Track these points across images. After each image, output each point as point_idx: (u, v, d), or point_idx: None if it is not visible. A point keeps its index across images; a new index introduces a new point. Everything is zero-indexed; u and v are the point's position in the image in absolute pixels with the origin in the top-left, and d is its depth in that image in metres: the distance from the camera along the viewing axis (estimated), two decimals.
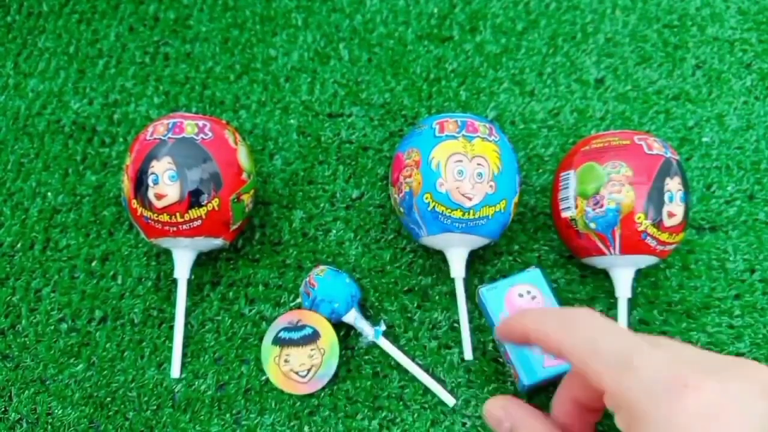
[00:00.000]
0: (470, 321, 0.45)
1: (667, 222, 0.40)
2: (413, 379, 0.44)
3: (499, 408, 0.32)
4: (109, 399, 0.44)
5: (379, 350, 0.45)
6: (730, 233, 0.48)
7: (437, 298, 0.47)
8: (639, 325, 0.45)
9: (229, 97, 0.56)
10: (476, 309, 0.46)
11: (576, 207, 0.42)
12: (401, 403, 0.43)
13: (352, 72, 0.57)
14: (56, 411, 0.44)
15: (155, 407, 0.44)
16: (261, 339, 0.44)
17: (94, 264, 0.49)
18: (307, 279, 0.45)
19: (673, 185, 0.40)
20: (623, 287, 0.43)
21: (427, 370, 0.44)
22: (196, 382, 0.45)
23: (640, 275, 0.46)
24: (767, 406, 0.23)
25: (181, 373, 0.45)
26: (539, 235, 0.48)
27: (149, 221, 0.43)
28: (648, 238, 0.40)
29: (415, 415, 0.43)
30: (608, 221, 0.40)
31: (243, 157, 0.45)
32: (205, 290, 0.48)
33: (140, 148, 0.43)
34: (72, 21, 0.61)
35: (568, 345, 0.28)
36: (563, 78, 0.55)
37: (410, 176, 0.43)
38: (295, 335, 0.43)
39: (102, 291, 0.48)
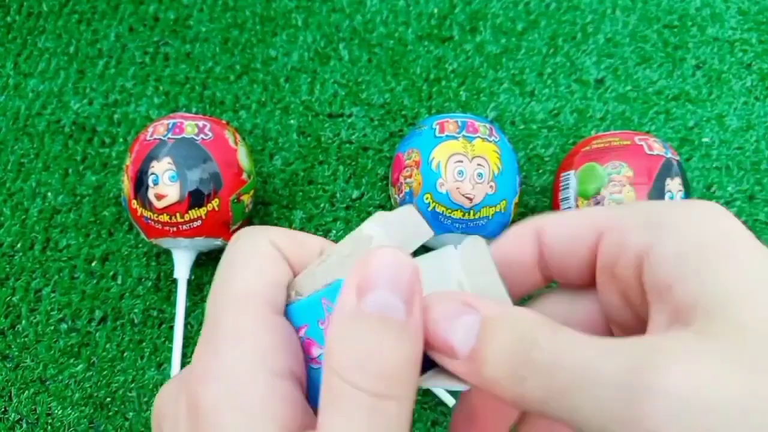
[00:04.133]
0: None
1: None
2: None
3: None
4: (109, 399, 0.44)
5: None
6: None
7: None
8: None
9: (229, 97, 0.56)
10: None
11: (577, 207, 0.42)
12: None
13: (352, 72, 0.56)
14: (56, 411, 0.44)
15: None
16: None
17: (94, 264, 0.49)
18: None
19: (674, 186, 0.41)
20: None
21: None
22: None
23: None
24: None
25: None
26: None
27: (149, 221, 0.43)
28: None
29: (416, 415, 0.43)
30: None
31: (243, 158, 0.45)
32: (205, 290, 0.48)
33: (140, 148, 0.43)
34: (72, 21, 0.61)
35: None
36: (563, 78, 0.55)
37: (410, 176, 0.43)
38: None
39: (102, 291, 0.48)
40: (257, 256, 0.20)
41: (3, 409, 0.45)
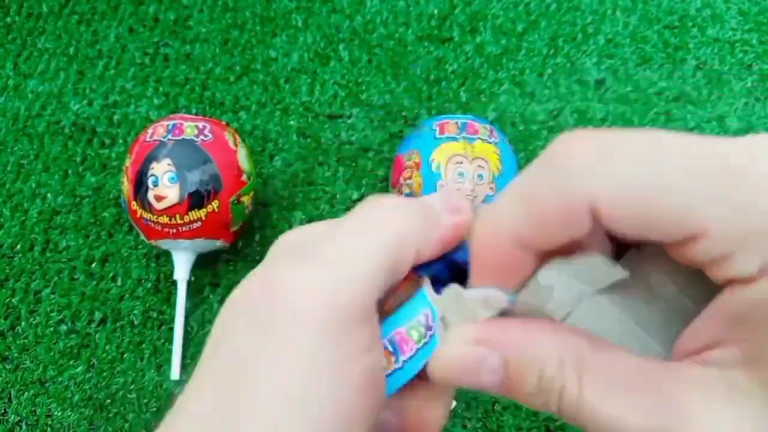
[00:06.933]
0: None
1: None
2: None
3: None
4: (108, 401, 0.44)
5: None
6: None
7: None
8: None
9: (229, 98, 0.56)
10: None
11: None
12: None
13: (352, 73, 0.56)
14: (56, 413, 0.44)
15: (155, 409, 0.44)
16: None
17: (93, 265, 0.49)
18: None
19: None
20: None
21: None
22: None
23: None
24: None
25: (181, 375, 0.45)
26: None
27: (149, 223, 0.43)
28: None
29: None
30: None
31: (243, 159, 0.45)
32: (204, 292, 0.48)
33: (140, 149, 0.43)
34: (72, 22, 0.61)
35: None
36: (563, 79, 0.55)
37: (410, 178, 0.43)
38: None
39: (102, 292, 0.48)
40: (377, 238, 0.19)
41: (2, 411, 0.45)
